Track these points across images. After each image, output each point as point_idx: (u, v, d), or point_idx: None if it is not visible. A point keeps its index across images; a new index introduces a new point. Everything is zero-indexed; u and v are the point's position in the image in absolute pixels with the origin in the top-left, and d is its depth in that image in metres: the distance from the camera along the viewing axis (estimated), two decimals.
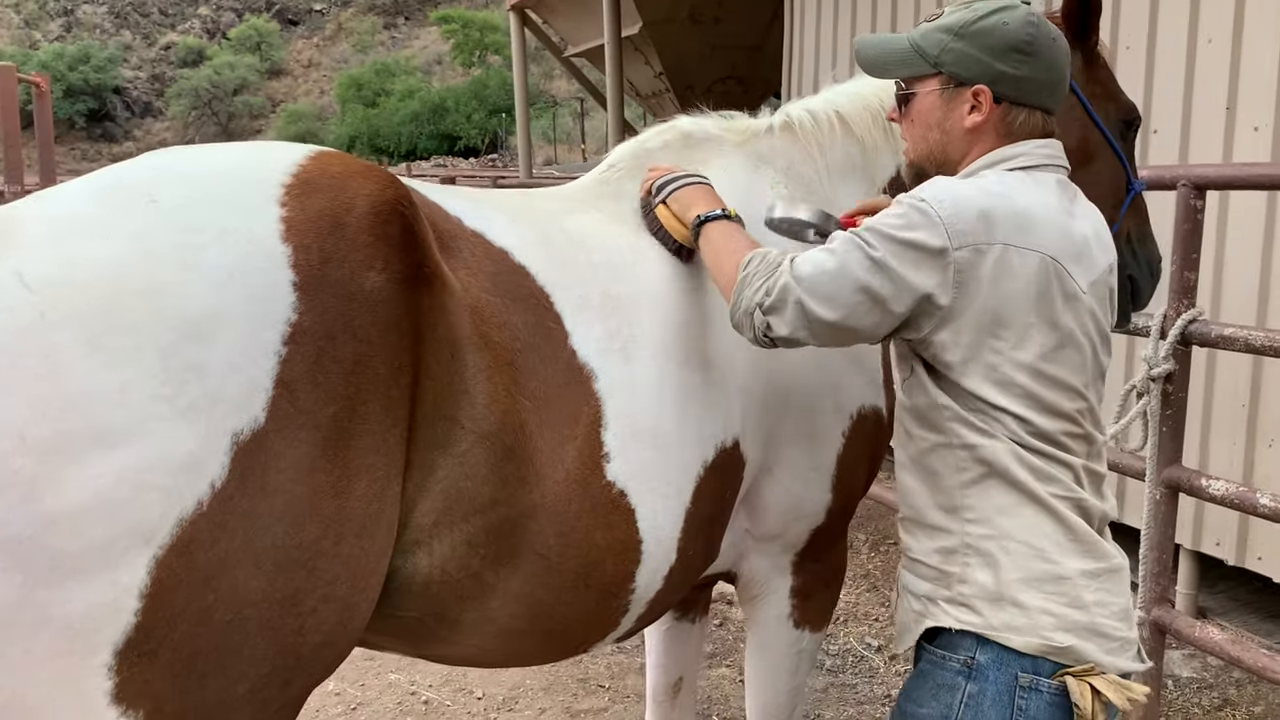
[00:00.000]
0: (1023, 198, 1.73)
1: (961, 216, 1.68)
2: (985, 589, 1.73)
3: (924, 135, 1.89)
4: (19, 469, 1.31)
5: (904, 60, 1.88)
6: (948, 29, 1.83)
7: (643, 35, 10.21)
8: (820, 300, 1.72)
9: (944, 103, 1.85)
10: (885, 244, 1.70)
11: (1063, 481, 1.74)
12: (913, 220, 1.69)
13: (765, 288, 1.77)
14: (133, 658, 1.38)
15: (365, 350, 1.55)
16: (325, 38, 66.17)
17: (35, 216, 1.49)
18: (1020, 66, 1.79)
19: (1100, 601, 1.72)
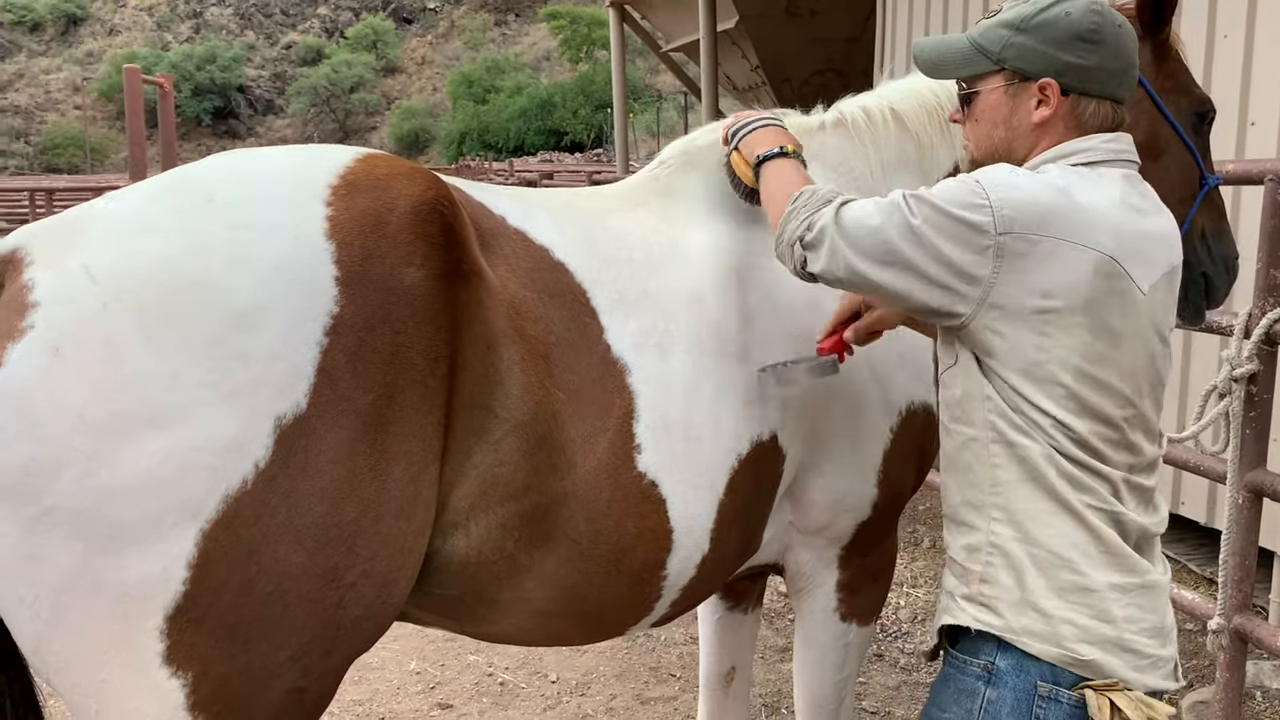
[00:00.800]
0: (1083, 194, 1.69)
1: (1014, 203, 1.65)
2: (1008, 591, 1.71)
3: (989, 133, 1.86)
4: (79, 446, 1.44)
5: (965, 60, 1.85)
6: (1008, 24, 1.80)
7: (739, 29, 10.20)
8: (856, 252, 1.72)
9: (1009, 99, 1.82)
10: (927, 212, 1.68)
11: (1098, 493, 1.69)
12: (961, 197, 1.68)
13: (808, 222, 1.78)
14: (182, 623, 1.50)
15: (403, 341, 1.64)
16: (438, 35, 67.60)
17: (106, 213, 1.62)
18: (1087, 56, 1.75)
19: (1130, 617, 1.68)
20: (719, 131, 2.25)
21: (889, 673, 4.13)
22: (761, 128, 2.11)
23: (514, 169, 28.49)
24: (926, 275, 1.69)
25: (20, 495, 1.45)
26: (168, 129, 12.16)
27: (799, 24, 9.98)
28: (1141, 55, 2.27)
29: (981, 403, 1.75)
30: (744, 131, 2.12)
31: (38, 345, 1.46)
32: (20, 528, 1.46)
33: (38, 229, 1.64)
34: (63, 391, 1.45)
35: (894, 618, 4.60)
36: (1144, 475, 1.76)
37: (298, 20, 68.48)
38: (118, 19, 67.69)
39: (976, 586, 1.75)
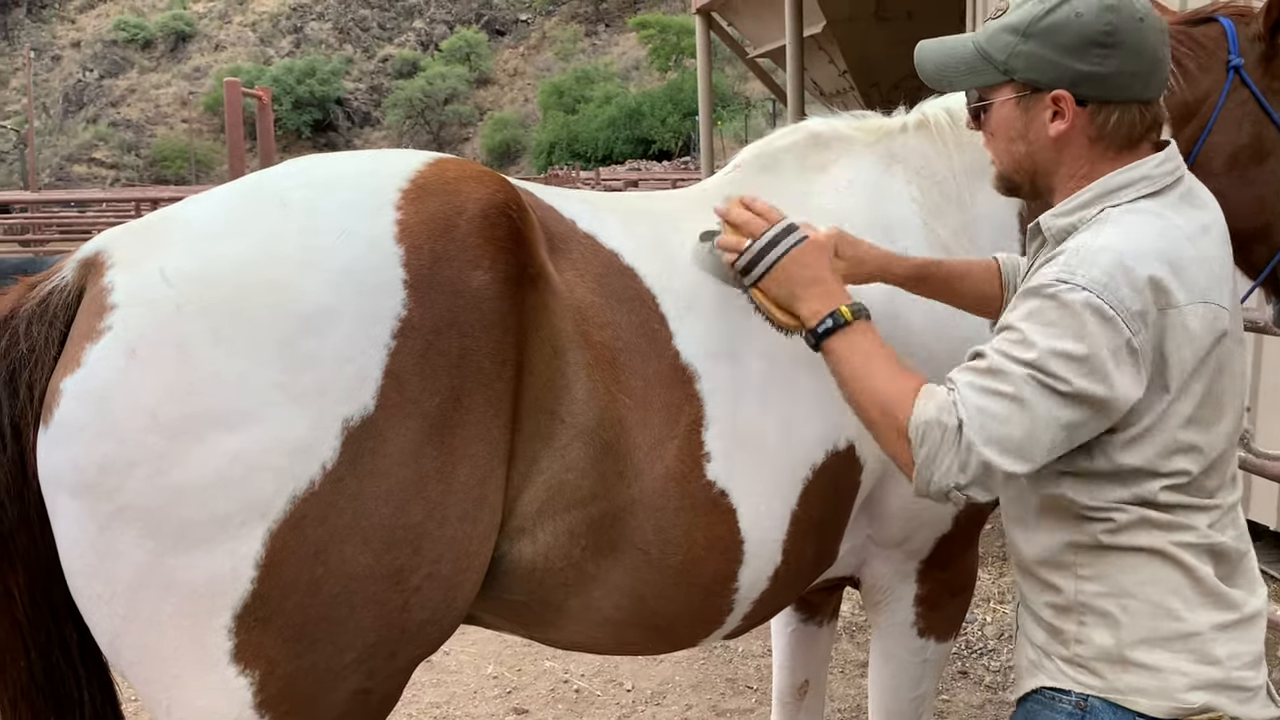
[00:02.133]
0: (1172, 245, 1.55)
1: (1133, 299, 1.49)
2: (1105, 651, 1.61)
3: (1007, 149, 1.70)
4: (152, 445, 1.47)
5: (971, 68, 1.68)
6: (1014, 28, 1.62)
7: (826, 34, 10.10)
8: (1020, 459, 1.50)
9: (1022, 112, 1.65)
10: (1073, 369, 1.47)
11: (1197, 529, 1.59)
12: (1088, 326, 1.48)
13: (957, 465, 1.50)
14: (250, 622, 1.52)
15: (470, 345, 1.63)
16: (530, 47, 68.49)
17: (184, 218, 1.66)
18: (1104, 62, 1.57)
19: (1234, 653, 1.59)
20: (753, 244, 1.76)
21: (973, 691, 4.02)
22: (791, 254, 1.73)
23: (600, 178, 28.71)
24: (1095, 423, 1.53)
25: (97, 493, 1.48)
26: (266, 140, 12.55)
27: (889, 28, 9.83)
28: (1247, 54, 2.18)
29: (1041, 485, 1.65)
30: (768, 261, 1.73)
31: (115, 346, 1.50)
32: (97, 525, 1.49)
33: (120, 233, 1.68)
34: (138, 392, 1.48)
35: (979, 634, 4.48)
36: (1231, 491, 1.66)
37: (394, 34, 70.06)
38: (223, 35, 70.13)
39: (1073, 648, 1.64)
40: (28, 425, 1.56)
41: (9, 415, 1.57)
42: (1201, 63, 2.21)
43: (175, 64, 67.95)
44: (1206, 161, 2.21)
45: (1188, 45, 2.22)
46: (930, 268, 2.01)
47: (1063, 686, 1.66)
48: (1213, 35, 2.22)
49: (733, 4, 11.92)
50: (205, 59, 68.03)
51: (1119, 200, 1.61)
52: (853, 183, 2.25)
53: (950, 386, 1.55)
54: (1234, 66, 2.18)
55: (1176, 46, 2.21)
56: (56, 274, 1.65)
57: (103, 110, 64.19)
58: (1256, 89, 2.18)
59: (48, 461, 1.53)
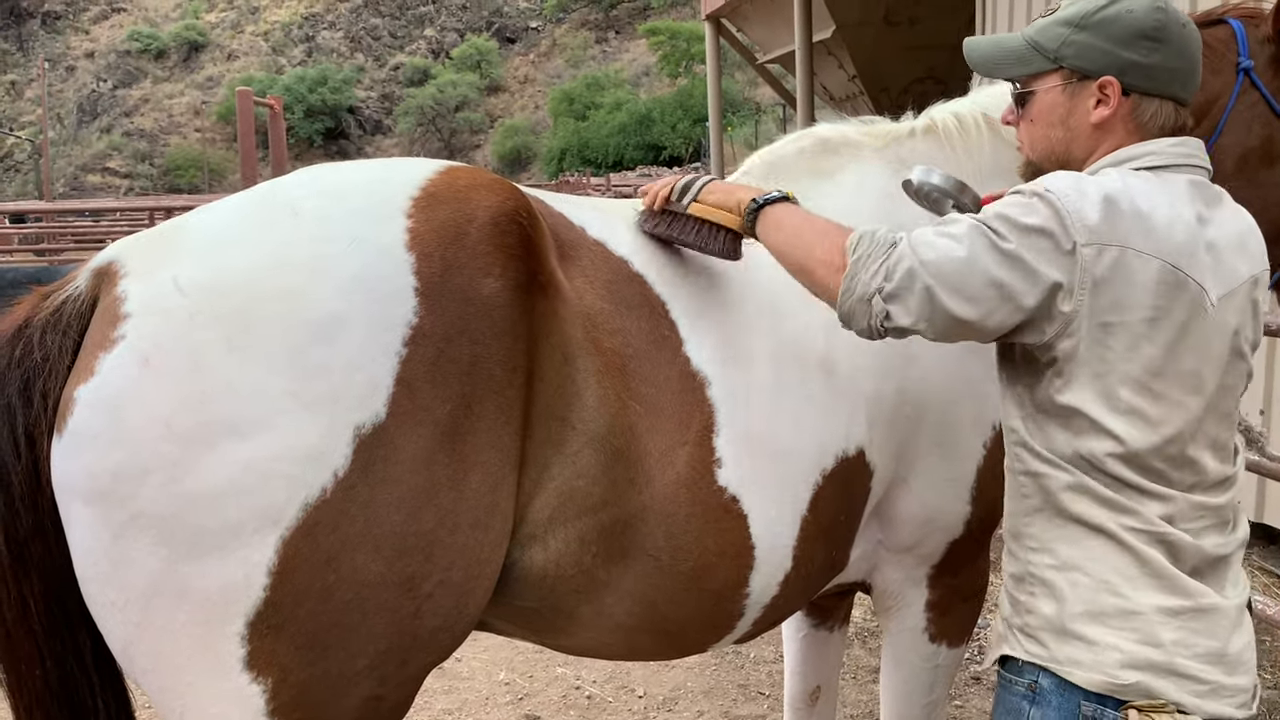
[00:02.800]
0: (1145, 199, 1.61)
1: (1085, 211, 1.58)
2: (1048, 621, 1.66)
3: (1045, 134, 1.79)
4: (165, 453, 1.47)
5: (1020, 58, 1.78)
6: (1067, 22, 1.73)
7: (835, 39, 10.11)
8: (949, 290, 1.59)
9: (1068, 98, 1.74)
10: (1015, 233, 1.58)
11: (1142, 515, 1.61)
12: (1040, 211, 1.59)
13: (884, 270, 1.63)
14: (262, 629, 1.53)
15: (481, 352, 1.64)
16: (540, 54, 68.65)
17: (197, 227, 1.67)
18: (1150, 54, 1.68)
19: (1181, 640, 1.60)
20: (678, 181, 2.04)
21: (986, 696, 4.00)
22: (717, 180, 2.00)
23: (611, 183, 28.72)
24: (1026, 301, 1.59)
25: (111, 500, 1.49)
26: (278, 149, 12.60)
27: (898, 32, 9.84)
28: (1257, 56, 2.18)
29: (1008, 434, 1.73)
30: (699, 185, 1.99)
31: (128, 355, 1.51)
32: (111, 533, 1.50)
33: (132, 242, 1.70)
34: (151, 400, 1.49)
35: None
36: (1211, 493, 1.67)
37: (405, 42, 70.32)
38: (236, 45, 70.50)
39: (1024, 618, 1.71)
40: (42, 434, 1.57)
41: (23, 424, 1.58)
42: (1211, 65, 2.20)
43: (188, 74, 68.33)
44: (1216, 164, 2.20)
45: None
46: None
47: (1015, 654, 1.72)
48: (1222, 37, 2.22)
49: (742, 10, 11.95)
50: (218, 68, 68.39)
51: (1125, 166, 1.70)
52: (861, 188, 2.25)
53: None
54: (1244, 69, 2.18)
55: None
56: (70, 283, 1.66)
57: (116, 120, 64.58)
58: (1266, 91, 2.18)
59: (62, 470, 1.54)
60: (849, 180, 2.26)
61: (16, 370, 1.59)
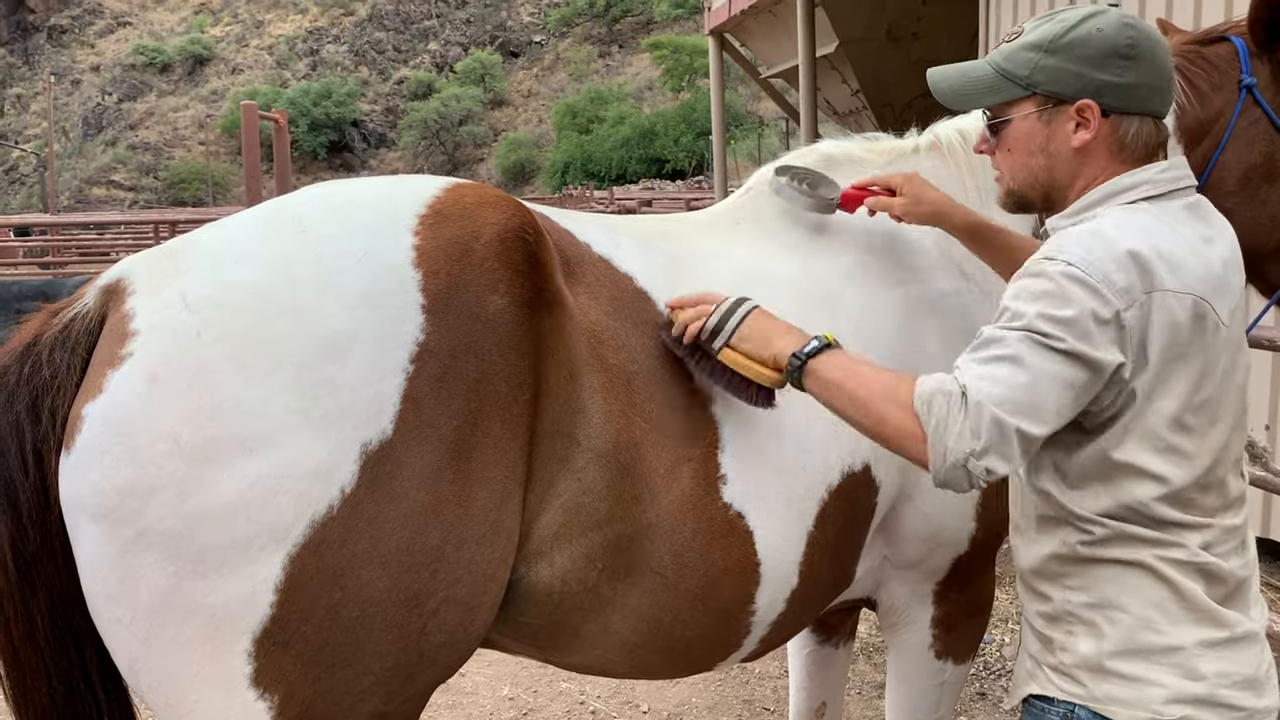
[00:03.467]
0: (1163, 237, 1.58)
1: (1112, 275, 1.53)
2: (1086, 660, 1.64)
3: (1025, 163, 1.73)
4: (173, 470, 1.48)
5: (991, 87, 1.72)
6: (1035, 46, 1.67)
7: (839, 54, 10.13)
8: (1032, 419, 1.50)
9: (1045, 125, 1.69)
10: (1063, 329, 1.50)
11: (1185, 547, 1.60)
12: (1073, 294, 1.52)
13: (970, 430, 1.50)
14: (269, 646, 1.53)
15: (487, 369, 1.64)
16: (544, 68, 68.90)
17: (204, 244, 1.68)
18: (1125, 73, 1.63)
19: (1221, 671, 1.60)
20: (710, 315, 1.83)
21: (992, 713, 3.99)
22: (752, 314, 1.80)
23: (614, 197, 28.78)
24: (1094, 387, 1.55)
25: (117, 517, 1.49)
26: (282, 162, 12.63)
27: (901, 47, 9.86)
28: (1259, 73, 2.19)
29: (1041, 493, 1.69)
30: (732, 324, 1.79)
31: (136, 372, 1.52)
32: (117, 549, 1.50)
33: (140, 259, 1.70)
34: (159, 417, 1.49)
35: (997, 655, 4.45)
36: (1233, 514, 1.66)
37: (409, 56, 70.59)
38: (240, 58, 70.81)
39: (1059, 656, 1.68)
40: (50, 451, 1.58)
41: (31, 441, 1.58)
42: (1214, 82, 2.22)
43: (193, 87, 68.63)
44: (1219, 180, 2.21)
45: (1200, 65, 2.23)
46: (984, 228, 2.11)
47: (1049, 694, 1.69)
48: (1224, 54, 2.23)
49: (746, 25, 11.99)
50: (222, 82, 68.70)
51: (1121, 201, 1.66)
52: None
53: None
54: (1246, 85, 2.19)
55: (1189, 66, 2.22)
56: (79, 300, 1.67)
57: (121, 133, 64.85)
58: (1269, 107, 2.18)
59: (69, 486, 1.54)
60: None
61: (25, 387, 1.59)
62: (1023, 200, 1.79)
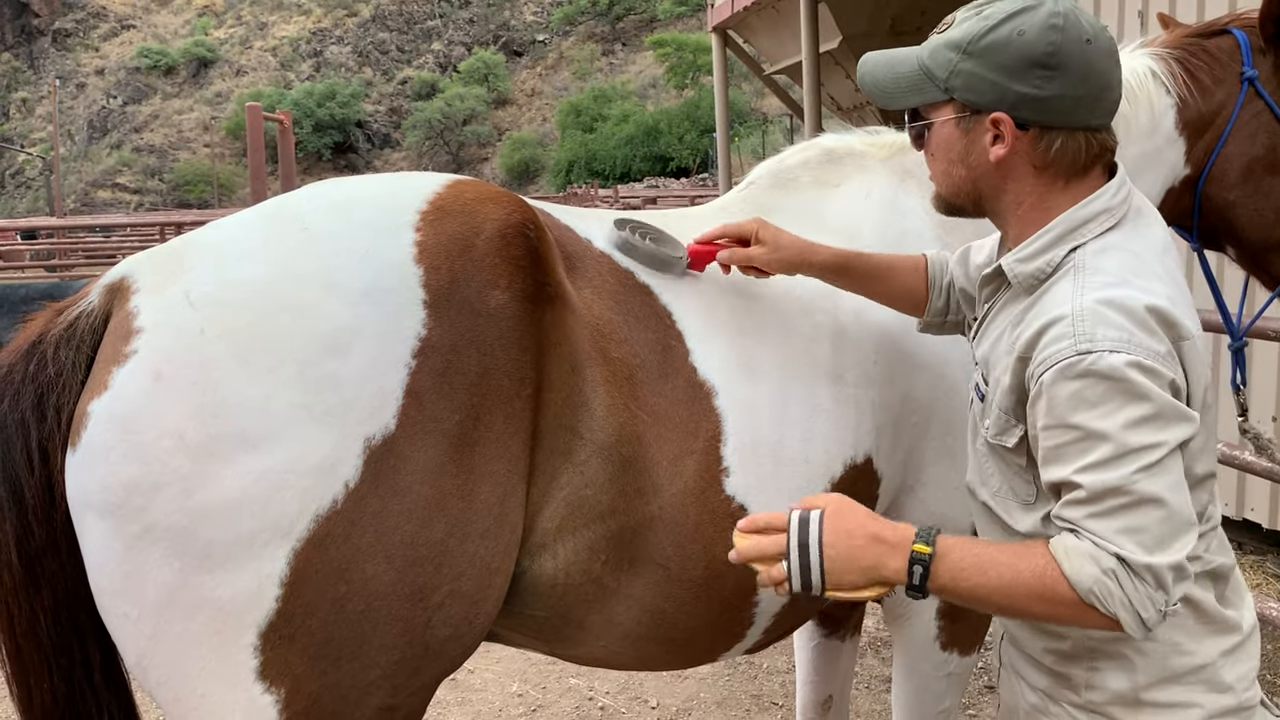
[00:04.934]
0: (1157, 279, 1.50)
1: (1156, 343, 1.43)
2: (1119, 695, 1.58)
3: (948, 171, 1.63)
4: (178, 467, 1.49)
5: (914, 86, 1.61)
6: (955, 45, 1.55)
7: (843, 49, 10.11)
8: (1184, 537, 1.41)
9: (963, 134, 1.58)
10: (1156, 433, 1.40)
11: (1201, 557, 1.56)
12: (1139, 387, 1.40)
13: (1151, 589, 1.39)
14: (274, 640, 1.54)
15: (489, 363, 1.65)
16: (547, 67, 68.90)
17: (207, 242, 1.69)
18: (1045, 85, 1.50)
19: (1240, 675, 1.59)
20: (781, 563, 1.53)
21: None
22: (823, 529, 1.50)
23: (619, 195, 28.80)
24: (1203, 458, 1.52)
25: (123, 513, 1.50)
26: (287, 164, 12.66)
27: (904, 42, 9.81)
28: (1261, 66, 2.19)
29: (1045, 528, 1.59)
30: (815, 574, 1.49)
31: (141, 370, 1.52)
32: (123, 545, 1.51)
33: (143, 258, 1.71)
34: (164, 414, 1.50)
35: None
36: (1217, 506, 1.65)
37: (413, 56, 70.65)
38: (244, 60, 70.93)
39: (1085, 695, 1.61)
40: (56, 448, 1.59)
41: (37, 439, 1.59)
42: (1215, 75, 2.22)
43: (197, 89, 68.78)
44: (1222, 173, 2.21)
45: (1202, 58, 2.23)
46: (852, 260, 1.98)
47: None
48: (1226, 47, 2.23)
49: (749, 21, 11.97)
50: (226, 84, 68.84)
51: (1084, 238, 1.56)
52: (867, 198, 2.26)
53: (1069, 528, 1.44)
54: (1248, 78, 2.19)
55: (1191, 59, 2.22)
56: (83, 299, 1.68)
57: (126, 136, 65.02)
58: (1271, 100, 2.19)
59: (75, 483, 1.55)
60: (855, 190, 2.27)
61: (30, 385, 1.60)
62: (953, 207, 1.70)
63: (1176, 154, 2.22)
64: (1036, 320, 1.52)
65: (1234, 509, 5.19)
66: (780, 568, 1.51)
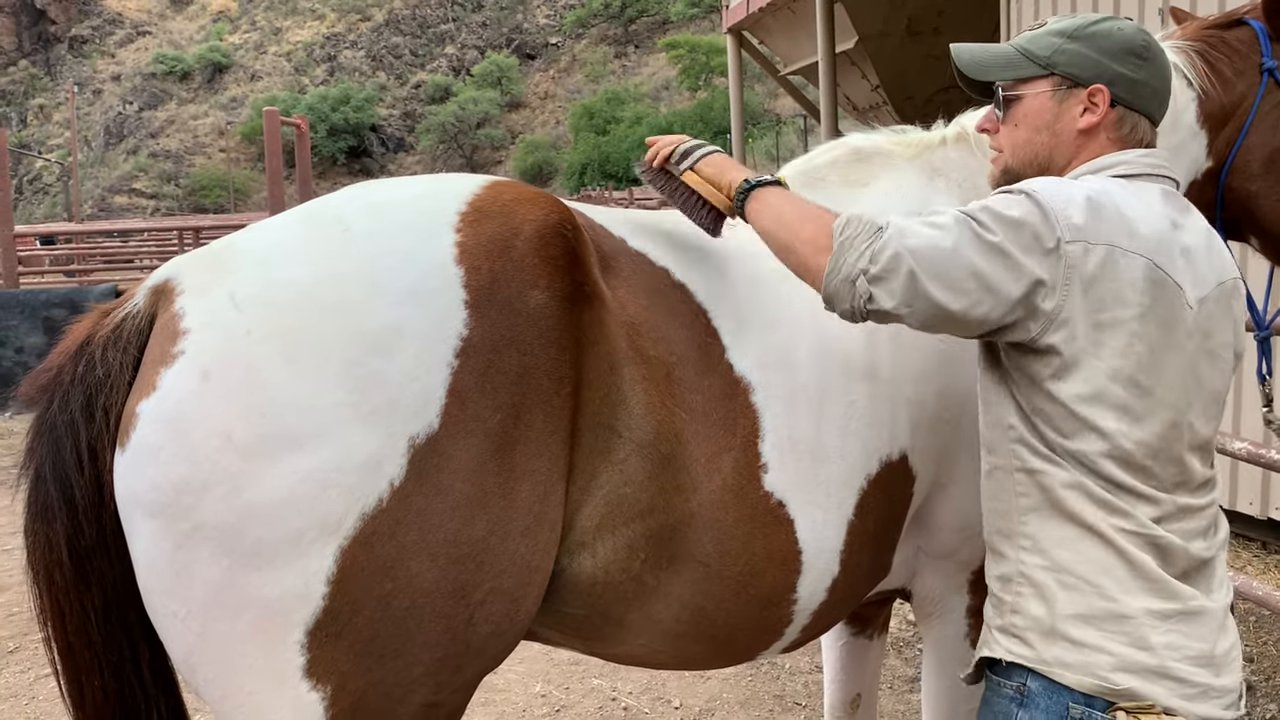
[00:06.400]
0: (1125, 202, 1.67)
1: (1070, 211, 1.62)
2: (1038, 621, 1.68)
3: (1029, 139, 1.84)
4: (227, 465, 1.51)
5: (1010, 62, 1.85)
6: (1059, 33, 1.81)
7: (858, 49, 10.12)
8: (932, 277, 1.61)
9: (1056, 104, 1.81)
10: (1000, 226, 1.62)
11: (1135, 517, 1.64)
12: (1026, 208, 1.63)
13: (870, 253, 1.64)
14: (321, 638, 1.55)
15: (529, 362, 1.67)
16: (560, 70, 68.98)
17: (248, 244, 1.71)
18: (1138, 70, 1.77)
19: (1172, 644, 1.62)
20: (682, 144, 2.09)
21: None
22: (719, 153, 2.03)
23: (634, 197, 28.81)
24: (1008, 294, 1.62)
25: (173, 513, 1.52)
26: (304, 168, 12.72)
27: (921, 42, 9.84)
28: (1279, 59, 2.19)
29: (1005, 431, 1.74)
30: (701, 153, 2.03)
31: (188, 370, 1.55)
32: (172, 544, 1.53)
33: (186, 260, 1.73)
34: (212, 414, 1.52)
35: None
36: (1197, 494, 1.70)
37: (426, 60, 70.84)
38: (259, 65, 71.25)
39: (1009, 618, 1.73)
40: (104, 449, 1.61)
41: (86, 439, 1.61)
42: (1236, 67, 2.23)
43: (212, 95, 69.12)
44: (1244, 164, 2.22)
45: (1222, 50, 2.24)
46: None
47: (996, 655, 1.72)
48: (1245, 39, 2.25)
49: (764, 22, 11.99)
50: (241, 89, 69.16)
51: (1099, 173, 1.76)
52: (897, 194, 2.27)
53: None
54: (1268, 69, 2.20)
55: (1211, 51, 2.24)
56: (128, 301, 1.70)
57: (142, 141, 65.37)
58: None
59: (125, 483, 1.58)
60: (884, 188, 2.28)
61: (79, 386, 1.63)
62: (1014, 178, 1.84)
63: (1199, 147, 2.23)
64: None
65: (1259, 508, 5.17)
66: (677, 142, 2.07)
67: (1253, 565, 5.16)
